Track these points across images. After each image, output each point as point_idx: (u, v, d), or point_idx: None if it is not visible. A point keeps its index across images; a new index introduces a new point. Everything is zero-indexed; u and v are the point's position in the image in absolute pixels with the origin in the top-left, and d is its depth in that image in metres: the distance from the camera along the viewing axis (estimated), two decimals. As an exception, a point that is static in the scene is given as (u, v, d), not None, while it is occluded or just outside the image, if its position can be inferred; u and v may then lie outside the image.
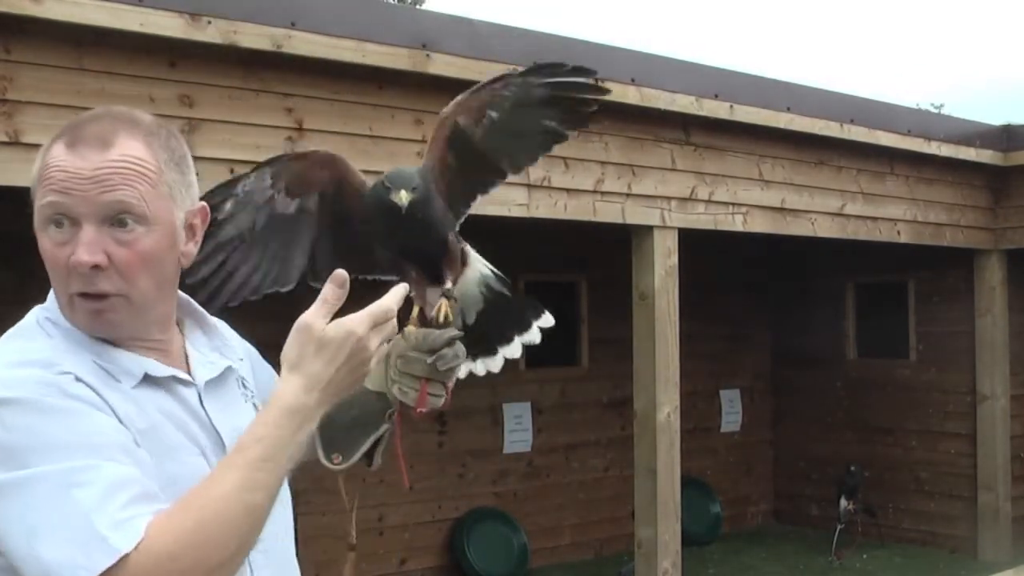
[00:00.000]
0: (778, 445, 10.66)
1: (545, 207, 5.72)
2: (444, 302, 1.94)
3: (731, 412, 10.34)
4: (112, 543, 1.35)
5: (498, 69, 5.42)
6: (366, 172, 1.93)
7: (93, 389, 1.49)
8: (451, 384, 1.90)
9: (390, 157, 5.02)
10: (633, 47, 6.47)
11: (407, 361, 1.86)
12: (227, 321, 1.88)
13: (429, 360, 1.85)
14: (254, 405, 1.75)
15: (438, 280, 1.99)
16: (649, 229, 6.19)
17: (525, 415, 8.68)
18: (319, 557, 5.40)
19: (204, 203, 1.68)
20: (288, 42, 4.65)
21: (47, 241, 1.53)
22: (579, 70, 2.07)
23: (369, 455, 1.93)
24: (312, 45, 4.74)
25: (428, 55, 5.12)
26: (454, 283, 2.00)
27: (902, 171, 7.88)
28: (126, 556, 1.35)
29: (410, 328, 1.89)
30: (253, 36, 4.56)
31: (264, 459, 1.46)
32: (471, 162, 2.06)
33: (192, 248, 1.65)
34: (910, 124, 7.86)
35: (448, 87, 5.30)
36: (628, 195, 6.10)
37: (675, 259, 6.25)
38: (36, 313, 1.61)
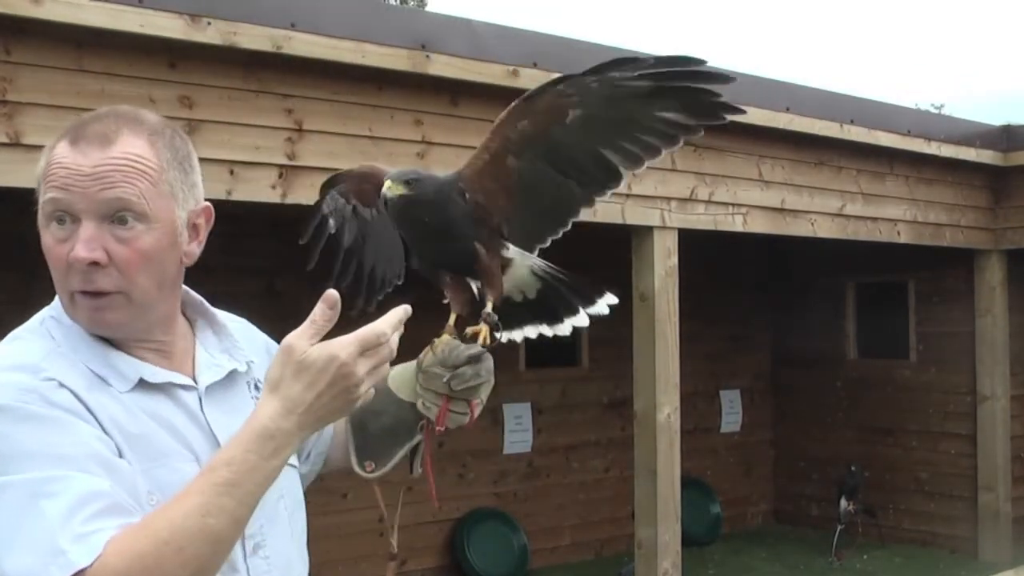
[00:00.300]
0: (778, 445, 10.66)
1: (545, 208, 5.71)
2: (484, 327, 1.83)
3: (731, 412, 10.34)
4: (70, 557, 1.35)
5: (497, 70, 5.46)
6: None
7: (77, 396, 1.48)
8: (476, 402, 1.83)
9: (389, 158, 5.02)
10: (633, 48, 6.47)
11: (429, 376, 1.80)
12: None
13: (446, 378, 1.78)
14: None
15: (477, 291, 1.89)
16: (649, 230, 6.19)
17: (525, 415, 8.68)
18: (318, 558, 5.37)
19: (208, 203, 1.66)
20: (288, 43, 4.65)
21: (49, 238, 1.53)
22: (683, 60, 1.83)
23: (411, 463, 1.91)
24: (312, 46, 4.74)
25: (427, 56, 5.13)
26: (495, 302, 1.87)
27: (902, 171, 7.88)
28: (82, 571, 1.35)
29: (441, 338, 1.82)
30: (253, 37, 4.56)
31: (231, 484, 1.41)
32: (554, 168, 1.92)
33: (195, 248, 1.64)
34: (910, 124, 7.86)
35: (447, 88, 5.32)
36: (628, 195, 6.10)
37: (675, 260, 6.25)
38: (42, 313, 1.62)
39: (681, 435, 6.32)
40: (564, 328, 1.98)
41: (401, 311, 1.57)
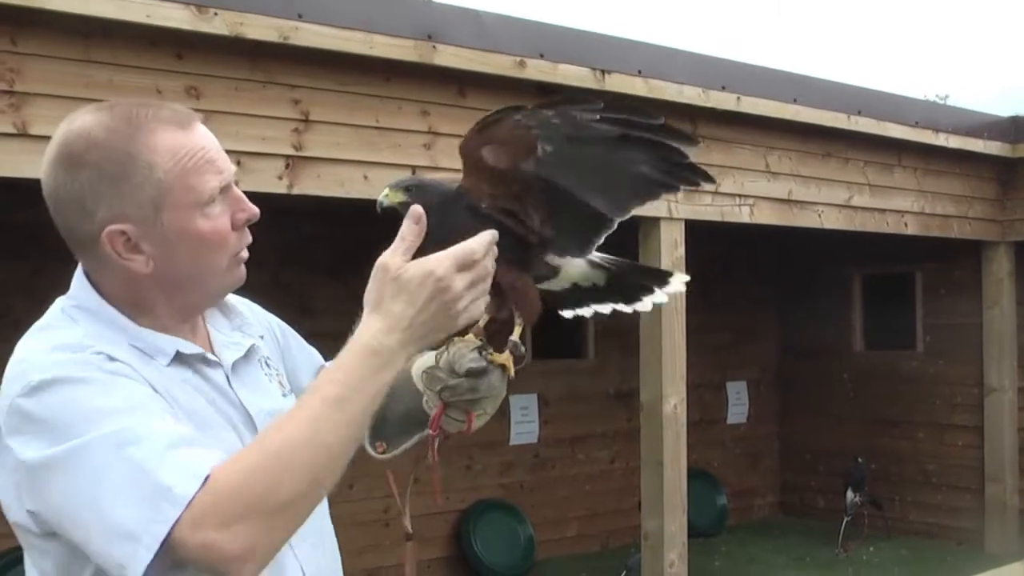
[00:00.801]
0: (784, 437, 10.66)
1: (552, 199, 5.71)
2: (507, 355, 1.78)
3: (737, 404, 10.34)
4: (178, 491, 1.36)
5: (504, 61, 5.45)
6: (372, 163, 1.91)
7: (129, 365, 1.51)
8: (476, 414, 1.79)
9: (396, 148, 5.02)
10: (640, 39, 6.46)
11: (431, 377, 1.77)
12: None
13: (440, 386, 1.75)
14: (280, 383, 1.76)
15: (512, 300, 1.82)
16: (656, 221, 6.18)
17: (531, 407, 8.69)
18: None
19: None
20: (295, 33, 4.65)
21: (204, 221, 1.56)
22: (633, 108, 1.73)
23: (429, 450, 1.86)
24: (319, 36, 4.74)
25: (435, 46, 5.12)
26: (527, 323, 1.82)
27: (910, 163, 7.86)
28: (192, 500, 1.35)
29: (463, 339, 1.77)
30: (260, 27, 4.55)
31: (340, 399, 1.43)
32: (542, 197, 1.81)
33: None
34: (918, 116, 7.84)
35: (455, 78, 5.32)
36: (635, 187, 6.08)
37: (682, 251, 6.24)
38: (60, 304, 1.62)
39: (687, 426, 6.32)
40: (644, 305, 1.97)
41: (489, 235, 1.57)
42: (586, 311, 1.95)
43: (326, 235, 7.29)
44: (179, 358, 1.59)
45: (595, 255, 1.92)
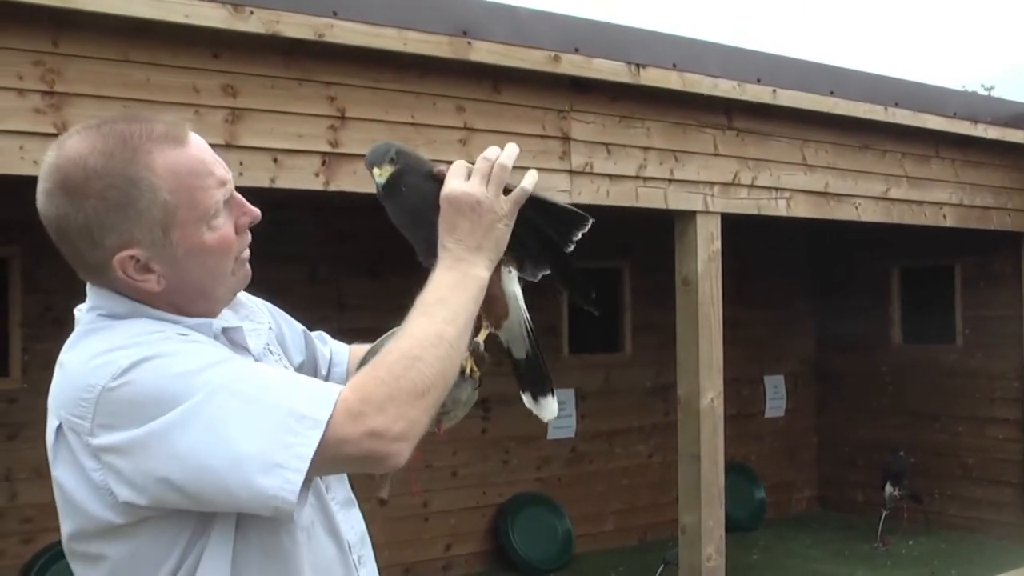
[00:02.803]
0: (823, 431, 10.61)
1: (588, 193, 5.72)
2: (468, 358, 1.78)
3: (775, 398, 10.30)
4: (315, 416, 1.43)
5: (539, 56, 5.46)
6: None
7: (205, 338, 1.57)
8: (445, 420, 1.83)
9: (431, 145, 5.04)
10: (675, 32, 6.44)
11: None
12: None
13: None
14: (286, 368, 1.80)
15: None
16: (692, 214, 6.17)
17: (569, 401, 8.69)
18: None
19: None
20: (330, 31, 4.67)
21: (210, 233, 1.57)
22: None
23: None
24: (353, 34, 4.76)
25: (469, 42, 5.13)
26: (491, 330, 1.84)
27: (948, 154, 7.79)
28: (330, 419, 1.43)
29: None
30: (295, 25, 4.58)
31: (442, 300, 1.59)
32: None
33: None
34: (956, 107, 7.78)
35: (490, 74, 5.33)
36: (671, 180, 6.08)
37: (718, 244, 6.22)
38: (86, 314, 1.63)
39: (725, 420, 6.30)
40: (537, 407, 1.97)
41: (512, 147, 1.80)
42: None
43: (362, 231, 7.32)
44: (225, 335, 1.63)
45: (528, 319, 1.88)
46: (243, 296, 1.81)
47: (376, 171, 1.71)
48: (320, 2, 4.68)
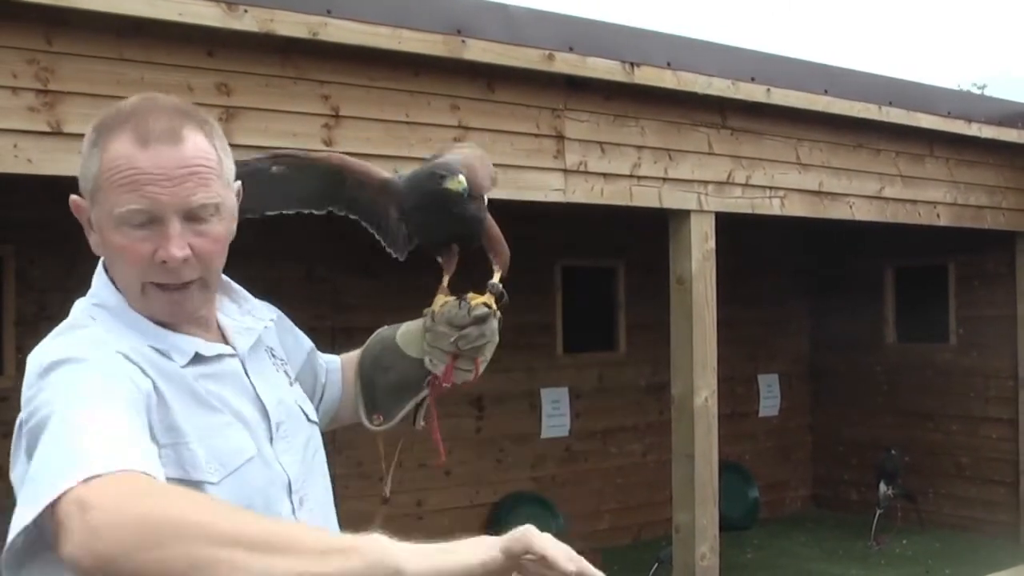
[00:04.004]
0: (817, 430, 10.62)
1: (582, 192, 5.72)
2: (489, 296, 1.94)
3: (769, 397, 10.31)
4: (89, 462, 1.27)
5: (533, 55, 5.46)
6: (402, 158, 1.94)
7: (140, 368, 1.49)
8: (481, 360, 1.93)
9: (426, 143, 5.03)
10: (669, 31, 6.45)
11: (436, 335, 1.91)
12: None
13: (453, 337, 1.89)
14: (285, 372, 1.78)
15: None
16: (686, 213, 6.17)
17: (563, 400, 8.69)
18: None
19: (240, 182, 1.70)
20: (324, 29, 4.67)
21: (122, 238, 1.53)
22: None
23: (414, 417, 1.99)
24: (348, 32, 4.76)
25: (463, 41, 5.13)
26: (503, 270, 2.00)
27: (942, 153, 7.80)
28: (98, 476, 1.25)
29: (440, 299, 1.93)
30: (289, 24, 4.58)
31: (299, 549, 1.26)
32: None
33: (234, 226, 1.68)
34: (950, 106, 7.79)
35: (484, 73, 5.33)
36: (665, 179, 6.08)
37: (712, 243, 6.23)
38: (80, 305, 1.63)
39: (719, 419, 6.31)
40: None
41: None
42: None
43: (359, 230, 7.30)
44: (198, 358, 1.60)
45: None
46: (247, 293, 1.81)
47: (460, 178, 1.84)
48: (314, 0, 4.68)
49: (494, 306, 1.93)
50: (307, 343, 1.97)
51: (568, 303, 8.84)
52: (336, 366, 2.05)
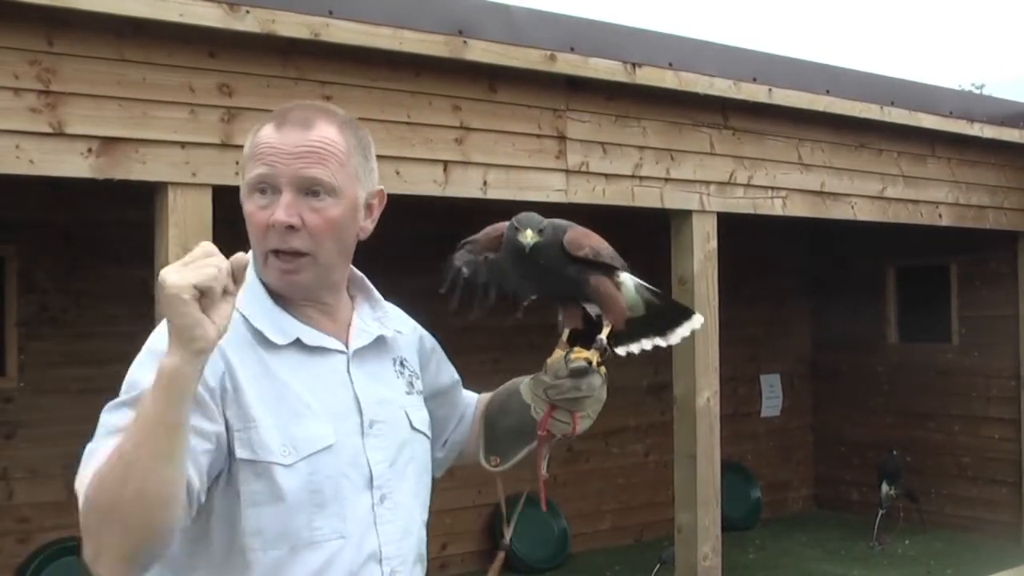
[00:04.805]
0: (819, 430, 10.61)
1: (583, 192, 5.72)
2: (593, 352, 2.00)
3: (771, 397, 10.31)
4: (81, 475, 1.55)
5: (535, 55, 5.46)
6: (403, 159, 1.96)
7: (221, 352, 1.63)
8: (580, 414, 1.99)
9: (427, 144, 5.04)
10: (671, 31, 6.45)
11: (536, 383, 1.99)
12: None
13: (548, 387, 1.94)
14: (410, 383, 1.93)
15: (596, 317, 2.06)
16: (688, 214, 6.17)
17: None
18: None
19: (382, 187, 1.90)
20: (325, 30, 4.67)
21: (251, 205, 1.75)
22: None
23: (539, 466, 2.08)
24: (349, 33, 4.76)
25: (465, 42, 5.13)
26: (614, 327, 2.03)
27: (944, 153, 7.80)
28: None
29: (557, 351, 2.00)
30: (291, 24, 4.58)
31: (131, 425, 1.51)
32: None
33: (369, 225, 1.87)
34: (952, 106, 7.78)
35: (485, 73, 5.33)
36: (666, 180, 6.08)
37: (714, 243, 6.23)
38: None
39: (721, 419, 6.31)
40: (674, 338, 2.16)
41: (239, 258, 1.53)
42: (634, 347, 2.15)
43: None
44: (298, 344, 1.75)
45: (639, 281, 2.12)
46: (389, 306, 1.97)
47: (529, 233, 1.93)
48: (316, 1, 4.68)
49: (595, 361, 1.98)
50: (453, 376, 2.14)
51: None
52: (474, 402, 2.20)
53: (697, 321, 2.16)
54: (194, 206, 4.31)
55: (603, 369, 2.00)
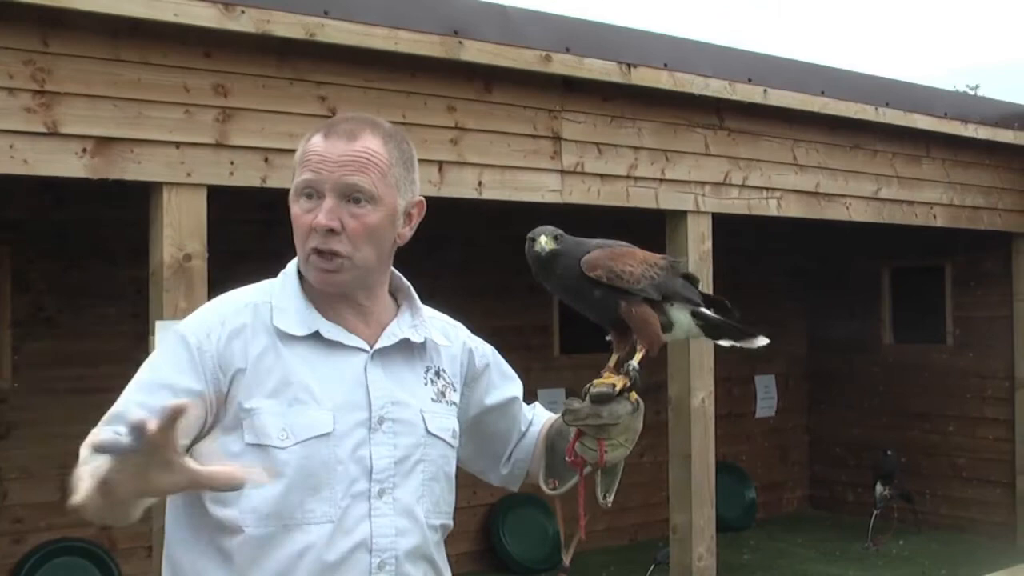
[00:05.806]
0: (814, 431, 10.62)
1: (578, 193, 5.72)
2: (620, 378, 2.04)
3: (766, 398, 10.31)
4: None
5: (530, 56, 5.46)
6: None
7: (229, 338, 1.84)
8: (606, 441, 2.02)
9: (422, 144, 5.04)
10: (666, 32, 6.45)
11: (567, 409, 2.01)
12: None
13: (567, 412, 1.97)
14: (441, 392, 2.00)
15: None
16: (683, 214, 6.17)
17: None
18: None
19: (422, 198, 1.98)
20: (321, 30, 4.67)
21: (297, 209, 1.87)
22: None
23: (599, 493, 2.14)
24: (345, 33, 4.76)
25: (460, 42, 5.13)
26: (647, 353, 2.08)
27: (938, 154, 7.81)
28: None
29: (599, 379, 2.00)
30: (286, 25, 4.58)
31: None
32: None
33: (407, 232, 1.96)
34: (946, 107, 7.79)
35: (481, 73, 5.33)
36: (662, 180, 6.09)
37: (709, 244, 6.23)
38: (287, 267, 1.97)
39: (716, 420, 6.31)
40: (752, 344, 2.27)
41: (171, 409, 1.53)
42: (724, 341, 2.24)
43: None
44: (316, 336, 1.87)
45: (698, 306, 2.24)
46: (433, 318, 2.05)
47: (543, 239, 1.97)
48: (311, 1, 4.68)
49: (618, 386, 2.00)
50: (511, 392, 2.28)
51: (564, 304, 8.81)
52: (539, 422, 2.30)
53: (760, 342, 2.28)
54: (188, 206, 4.30)
55: (634, 396, 2.02)
